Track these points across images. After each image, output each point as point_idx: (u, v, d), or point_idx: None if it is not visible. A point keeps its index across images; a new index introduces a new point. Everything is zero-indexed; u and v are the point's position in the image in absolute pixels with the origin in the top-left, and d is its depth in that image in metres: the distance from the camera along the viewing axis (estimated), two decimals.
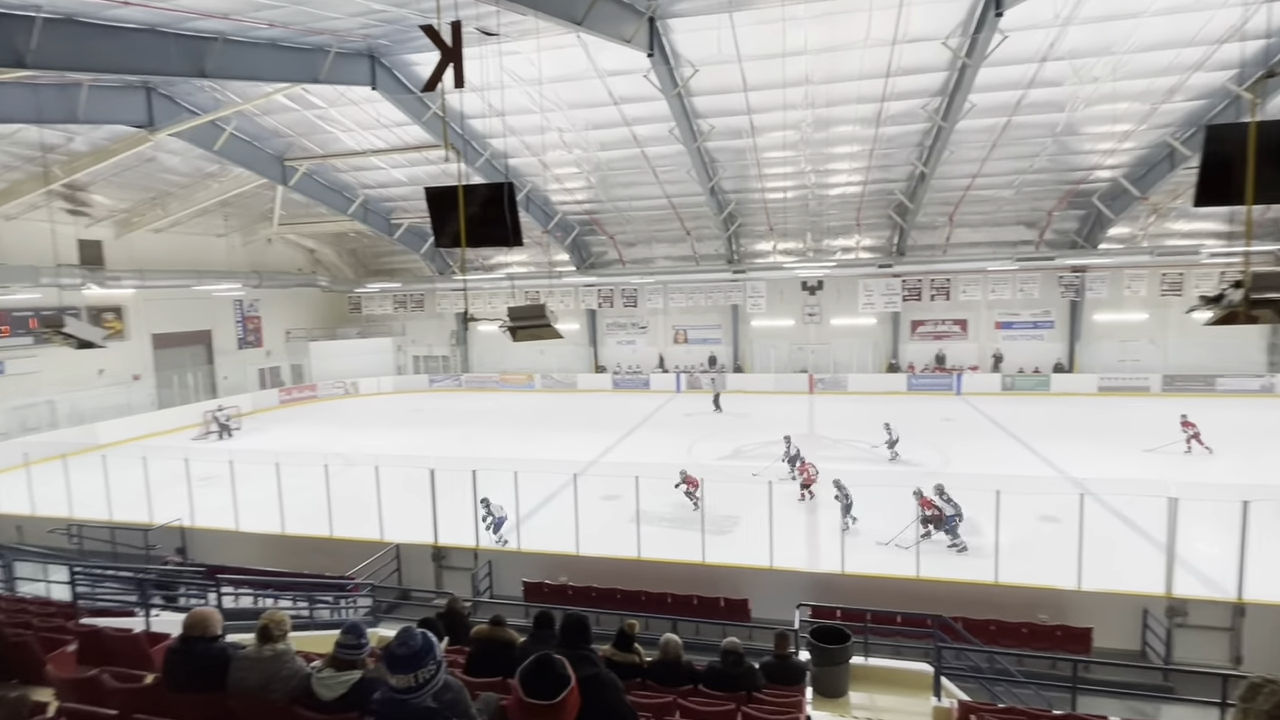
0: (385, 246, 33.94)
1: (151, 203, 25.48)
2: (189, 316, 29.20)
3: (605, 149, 22.75)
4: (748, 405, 27.85)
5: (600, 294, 33.14)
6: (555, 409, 28.96)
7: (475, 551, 11.94)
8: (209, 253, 29.34)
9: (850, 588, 10.45)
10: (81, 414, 23.99)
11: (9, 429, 21.76)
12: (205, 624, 4.06)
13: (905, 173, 24.04)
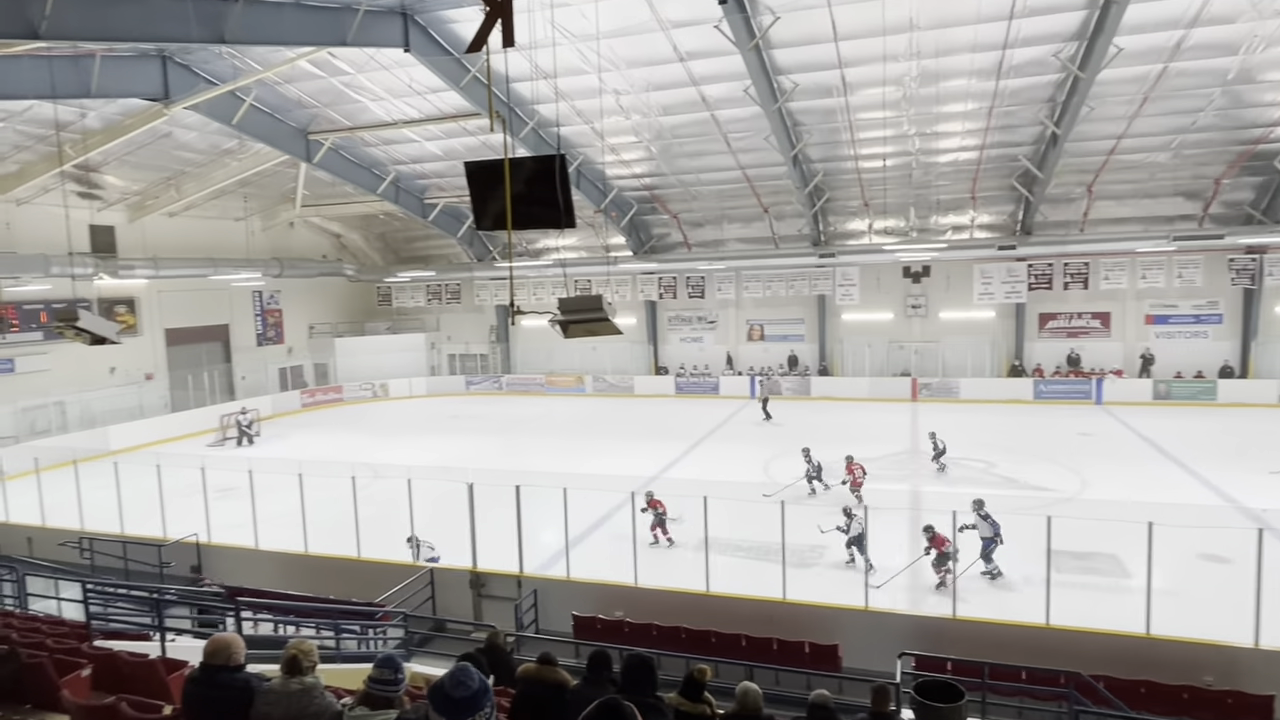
0: (418, 230, 34.92)
1: (166, 183, 26.97)
2: (205, 309, 30.74)
3: (669, 113, 22.78)
4: (836, 414, 27.42)
5: (661, 283, 33.20)
6: (609, 416, 29.18)
7: (519, 579, 12.13)
8: (226, 238, 30.82)
9: (963, 635, 10.13)
10: (92, 416, 25.57)
11: (18, 431, 23.38)
12: (228, 651, 4.26)
13: (1032, 134, 23.18)
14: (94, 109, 20.31)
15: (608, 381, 33.94)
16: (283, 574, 13.17)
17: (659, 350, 34.50)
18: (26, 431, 23.70)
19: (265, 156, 25.71)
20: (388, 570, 12.59)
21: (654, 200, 29.80)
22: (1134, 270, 27.94)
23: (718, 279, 32.40)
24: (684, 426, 25.95)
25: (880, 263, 29.57)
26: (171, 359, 29.36)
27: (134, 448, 23.26)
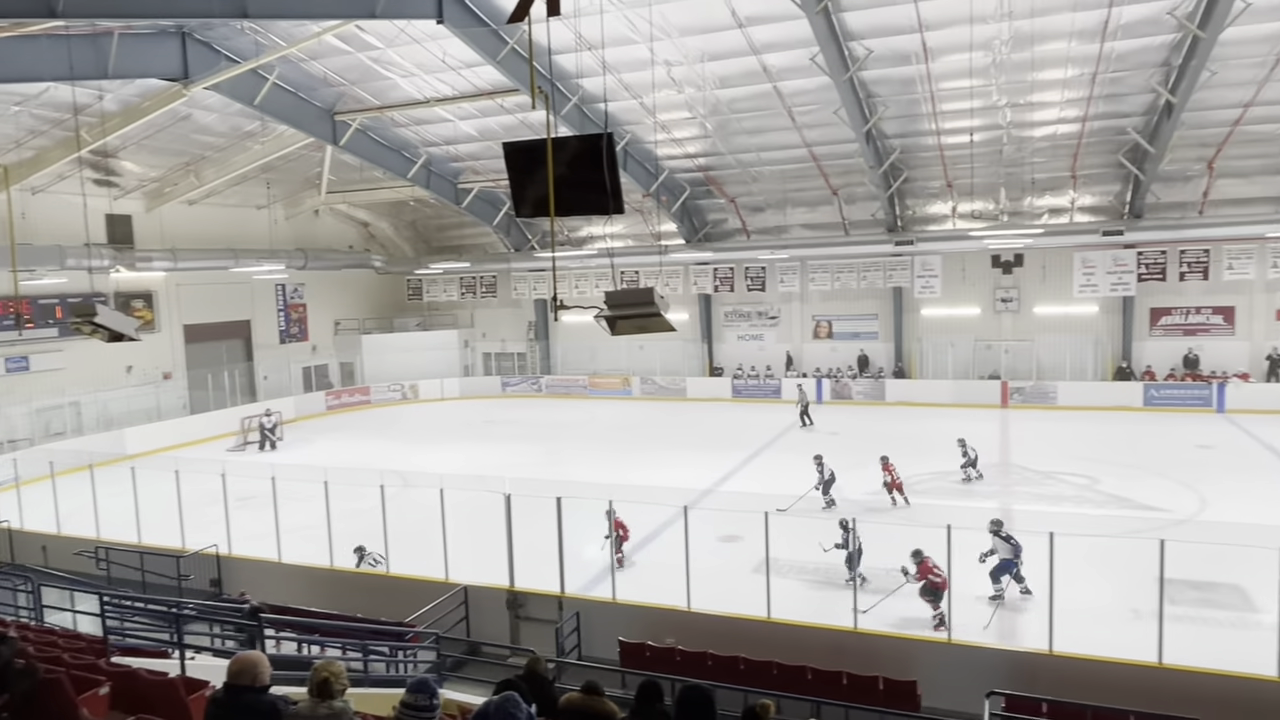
0: (451, 218, 35.49)
1: (185, 169, 27.93)
2: (225, 304, 31.74)
3: (726, 85, 22.72)
4: (913, 422, 27.01)
5: (717, 274, 33.13)
6: (659, 421, 29.23)
7: (560, 600, 12.23)
8: (248, 228, 31.75)
9: (1061, 673, 9.89)
10: (109, 418, 26.64)
11: (33, 433, 24.48)
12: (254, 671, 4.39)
13: (1143, 104, 22.48)
14: (111, 90, 21.14)
15: (657, 383, 33.99)
16: (307, 589, 13.51)
17: (714, 349, 34.42)
18: (42, 433, 24.79)
19: (289, 139, 26.41)
20: (419, 588, 12.82)
21: (709, 183, 29.73)
22: (1263, 258, 26.84)
23: (780, 270, 32.18)
24: (741, 434, 25.83)
25: (965, 251, 29.02)
26: (190, 357, 30.39)
27: (151, 451, 24.12)
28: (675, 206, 30.21)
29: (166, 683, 6.42)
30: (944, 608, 11.62)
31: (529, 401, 34.90)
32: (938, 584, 11.80)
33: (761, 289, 32.93)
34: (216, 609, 11.62)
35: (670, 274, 33.15)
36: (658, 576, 13.37)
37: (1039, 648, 10.48)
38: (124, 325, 11.13)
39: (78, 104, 20.68)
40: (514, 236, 35.45)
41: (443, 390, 35.91)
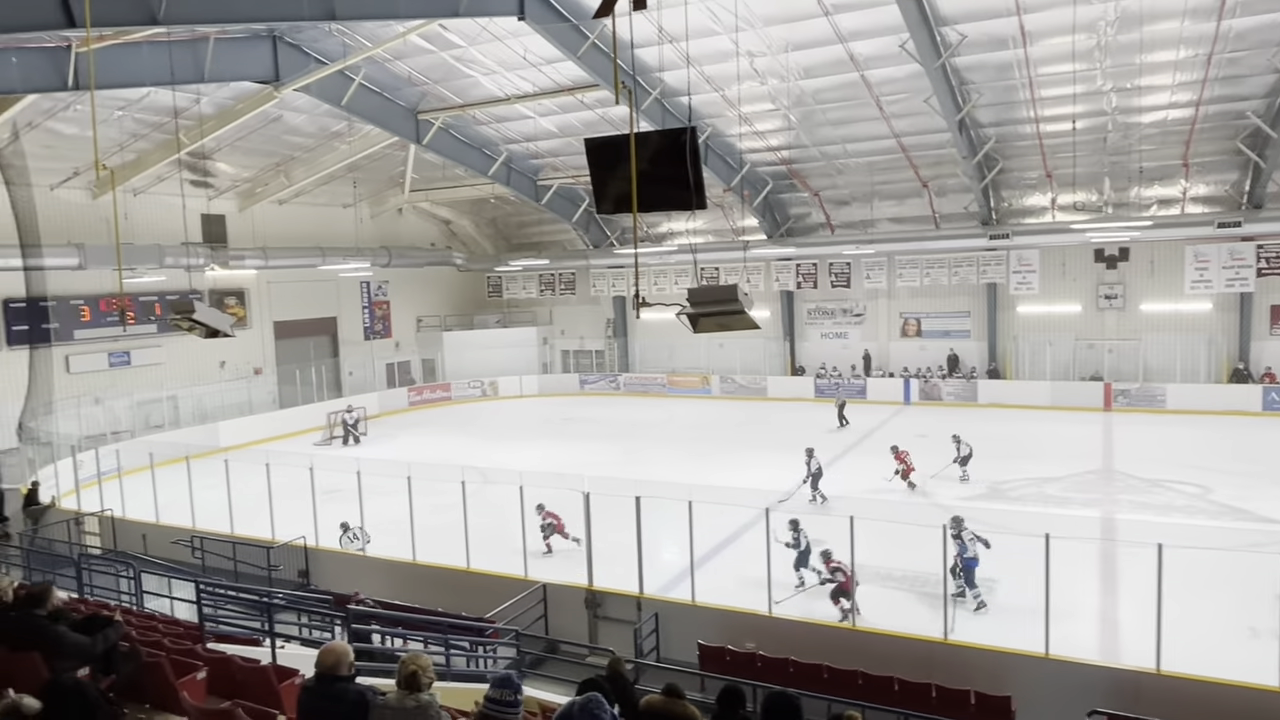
0: (531, 215, 36.03)
1: (275, 169, 29.14)
2: (313, 301, 32.96)
3: (811, 75, 22.45)
4: (1008, 425, 26.23)
5: (800, 270, 32.76)
6: (739, 421, 29.09)
7: (638, 601, 12.29)
8: (335, 226, 32.90)
9: (1169, 694, 9.44)
10: (204, 411, 28.00)
11: (134, 426, 25.94)
12: (340, 661, 4.57)
13: (1264, 85, 21.25)
14: (207, 94, 22.20)
15: (737, 382, 33.82)
16: (389, 582, 13.93)
17: (795, 347, 34.07)
18: (142, 426, 26.24)
19: (374, 139, 27.26)
20: (498, 584, 13.07)
21: (792, 176, 29.42)
22: None
23: (866, 265, 31.63)
24: (825, 435, 25.49)
25: (1066, 244, 27.97)
26: (279, 353, 31.68)
27: (243, 445, 25.24)
28: (757, 201, 29.99)
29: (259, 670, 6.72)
30: (849, 604, 11.99)
31: (607, 400, 35.18)
32: (843, 583, 12.09)
33: (846, 285, 32.41)
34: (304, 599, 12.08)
35: (751, 270, 32.94)
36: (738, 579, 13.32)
37: (1145, 666, 10.03)
38: (220, 321, 11.69)
39: (176, 107, 21.81)
40: (593, 233, 35.74)
41: (521, 387, 36.51)
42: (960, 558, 12.73)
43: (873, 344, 32.73)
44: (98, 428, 24.84)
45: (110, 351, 26.45)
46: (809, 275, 32.70)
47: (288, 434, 28.68)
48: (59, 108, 21.05)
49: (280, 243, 30.58)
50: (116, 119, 22.27)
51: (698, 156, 7.76)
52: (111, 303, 25.75)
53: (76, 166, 24.32)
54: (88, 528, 17.65)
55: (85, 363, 25.89)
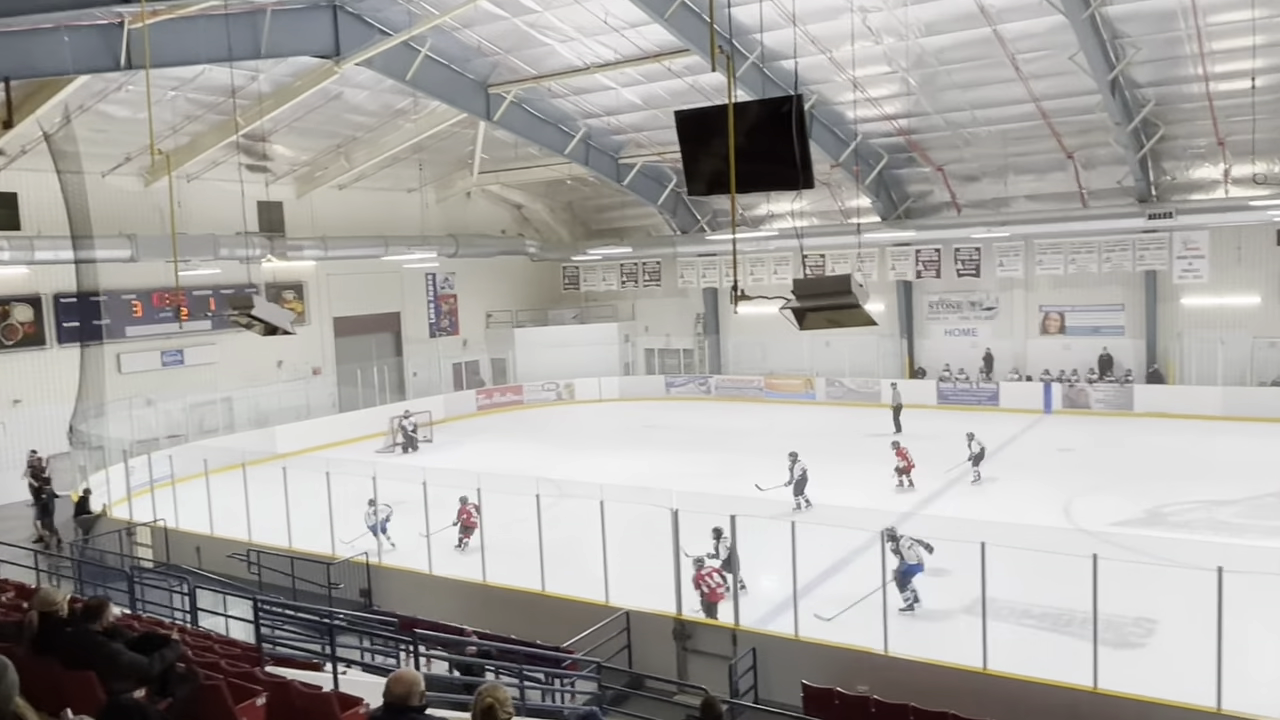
0: (611, 197, 36.31)
1: (335, 151, 30.13)
2: (375, 295, 33.95)
3: (934, 32, 22.04)
4: (1171, 437, 25.24)
5: (920, 257, 32.15)
6: (848, 430, 28.71)
7: (734, 633, 12.26)
8: (399, 212, 33.81)
9: None
10: (260, 415, 29.16)
11: (188, 430, 27.21)
12: (411, 691, 4.70)
13: None
14: (264, 71, 23.11)
15: (845, 386, 33.40)
16: (458, 605, 14.25)
17: (915, 346, 33.47)
18: (196, 430, 27.48)
19: (441, 116, 27.91)
20: (576, 610, 13.22)
21: (911, 148, 28.89)
22: None
23: (999, 251, 30.82)
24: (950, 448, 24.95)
25: (1242, 224, 26.74)
26: (340, 351, 32.74)
27: (301, 451, 26.19)
28: (871, 178, 29.56)
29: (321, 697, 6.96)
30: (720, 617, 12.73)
31: (696, 404, 35.17)
32: (709, 594, 12.95)
33: (975, 274, 31.64)
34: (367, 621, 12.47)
35: (864, 257, 32.49)
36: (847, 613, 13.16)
37: None
38: (280, 318, 12.17)
39: (233, 86, 22.80)
40: (681, 217, 35.77)
41: (600, 390, 36.84)
42: (901, 570, 13.47)
43: (1006, 341, 31.84)
44: (150, 431, 26.09)
45: (163, 350, 27.80)
46: (931, 263, 32.06)
47: (348, 439, 29.62)
48: (111, 89, 22.24)
49: (340, 231, 31.63)
50: (170, 99, 23.38)
51: (804, 128, 7.70)
52: (165, 297, 27.06)
53: (129, 151, 25.64)
54: (140, 538, 18.59)
55: (137, 362, 27.24)
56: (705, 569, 13.29)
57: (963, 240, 31.11)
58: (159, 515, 18.72)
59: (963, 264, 31.76)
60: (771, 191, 11.89)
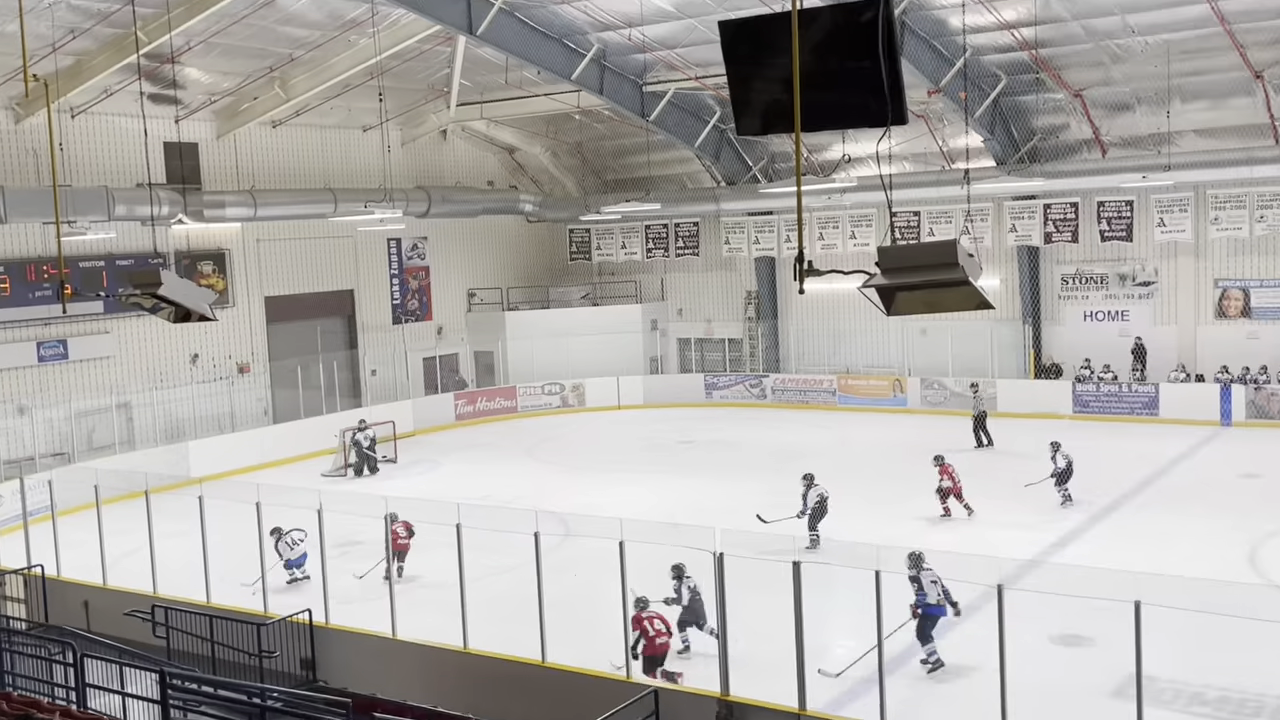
0: (633, 137, 36.21)
1: (268, 77, 30.17)
2: (320, 269, 34.12)
3: None
4: None
5: (1050, 216, 32.02)
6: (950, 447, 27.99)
7: (798, 718, 12.20)
8: (351, 158, 33.93)
9: None
10: (169, 426, 29.35)
11: (74, 446, 27.43)
12: None
13: None
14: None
15: (947, 389, 33.25)
16: (430, 678, 14.23)
17: (1042, 334, 33.30)
18: (84, 446, 27.71)
19: (406, 29, 27.94)
20: (588, 685, 13.15)
21: (1040, 67, 28.68)
22: None
23: (1159, 206, 30.68)
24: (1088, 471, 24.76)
25: None
26: (274, 342, 32.87)
27: (223, 474, 26.19)
28: (983, 108, 29.35)
29: None
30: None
31: (747, 413, 35.04)
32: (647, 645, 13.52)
33: (1125, 237, 31.46)
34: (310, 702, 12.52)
35: (974, 216, 32.25)
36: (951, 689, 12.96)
37: None
38: (195, 299, 12.16)
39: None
40: (727, 164, 35.65)
41: (619, 394, 36.84)
42: (919, 605, 13.65)
43: (1168, 329, 31.55)
44: (23, 449, 26.33)
45: (40, 340, 27.92)
46: (1065, 223, 31.92)
47: (286, 459, 29.74)
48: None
49: (275, 183, 31.71)
50: (48, 8, 23.51)
51: (894, 41, 7.64)
52: (43, 270, 27.24)
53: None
54: (8, 590, 18.72)
55: (6, 355, 27.29)
56: (648, 613, 13.89)
57: (1109, 191, 30.95)
58: (34, 560, 18.85)
59: (1109, 224, 31.55)
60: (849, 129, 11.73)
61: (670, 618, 14.61)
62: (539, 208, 38.46)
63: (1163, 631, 11.40)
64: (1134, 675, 10.98)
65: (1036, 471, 22.84)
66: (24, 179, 26.21)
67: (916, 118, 30.31)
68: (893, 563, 13.01)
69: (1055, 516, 21.42)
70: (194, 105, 30.34)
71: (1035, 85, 29.49)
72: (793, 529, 18.53)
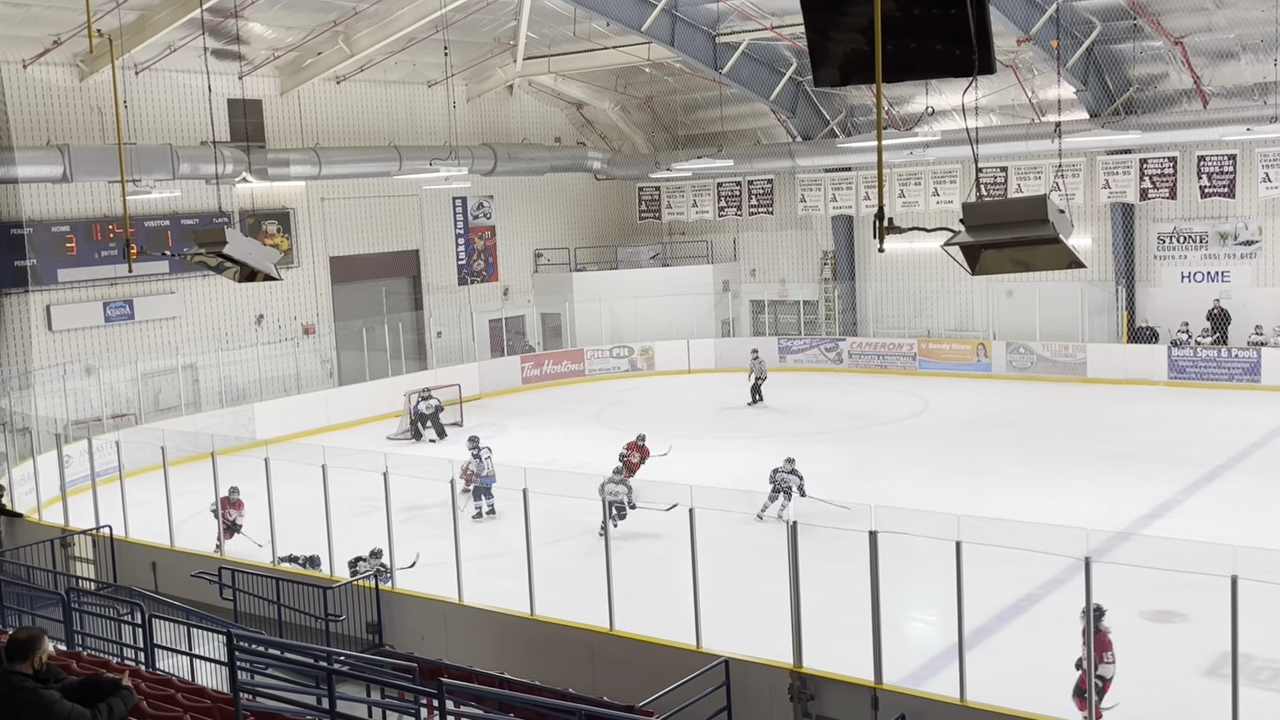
0: (705, 91, 35.99)
1: (332, 32, 30.40)
2: (385, 228, 34.46)
3: None
4: None
5: (1146, 171, 31.47)
6: (1037, 415, 28.50)
7: (874, 692, 12.18)
8: (416, 114, 34.14)
9: None
10: (235, 388, 29.90)
11: (140, 407, 28.02)
12: None
13: None
14: None
15: (1035, 354, 32.91)
16: (498, 645, 14.44)
17: (1137, 296, 32.82)
18: (150, 407, 28.30)
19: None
20: (658, 655, 13.26)
21: (1138, 13, 28.07)
22: None
23: (1264, 160, 29.99)
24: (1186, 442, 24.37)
25: None
26: (338, 303, 33.29)
27: (288, 436, 26.76)
28: (1076, 57, 28.82)
29: None
30: None
31: (823, 378, 34.97)
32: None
33: (1228, 193, 30.80)
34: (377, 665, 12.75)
35: (1065, 171, 31.85)
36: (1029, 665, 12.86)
37: None
38: (261, 258, 12.34)
39: None
40: (803, 118, 35.33)
41: (690, 358, 36.87)
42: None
43: (1272, 289, 30.85)
44: (90, 409, 26.94)
45: (107, 301, 28.49)
46: (1163, 178, 31.36)
47: (351, 422, 30.21)
48: None
49: (339, 141, 31.98)
50: None
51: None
52: (109, 230, 27.76)
53: (57, 33, 26.20)
54: (78, 551, 19.22)
55: (73, 315, 27.93)
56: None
57: (1211, 145, 30.34)
58: (102, 521, 19.28)
59: (1210, 179, 30.94)
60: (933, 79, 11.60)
61: None
62: (607, 165, 38.40)
63: (1261, 608, 11.23)
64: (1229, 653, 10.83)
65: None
66: (89, 137, 26.65)
67: (1005, 68, 29.85)
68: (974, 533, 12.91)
69: (1146, 488, 21.07)
70: (258, 61, 30.65)
71: (1132, 32, 28.88)
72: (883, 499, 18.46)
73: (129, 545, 19.00)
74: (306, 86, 31.79)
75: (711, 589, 13.95)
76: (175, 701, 9.05)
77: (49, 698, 6.11)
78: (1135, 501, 20.36)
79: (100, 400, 27.35)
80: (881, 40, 7.57)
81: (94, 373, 27.54)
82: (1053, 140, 29.46)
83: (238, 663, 10.59)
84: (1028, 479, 22.07)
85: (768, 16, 29.98)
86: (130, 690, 6.57)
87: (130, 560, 18.67)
